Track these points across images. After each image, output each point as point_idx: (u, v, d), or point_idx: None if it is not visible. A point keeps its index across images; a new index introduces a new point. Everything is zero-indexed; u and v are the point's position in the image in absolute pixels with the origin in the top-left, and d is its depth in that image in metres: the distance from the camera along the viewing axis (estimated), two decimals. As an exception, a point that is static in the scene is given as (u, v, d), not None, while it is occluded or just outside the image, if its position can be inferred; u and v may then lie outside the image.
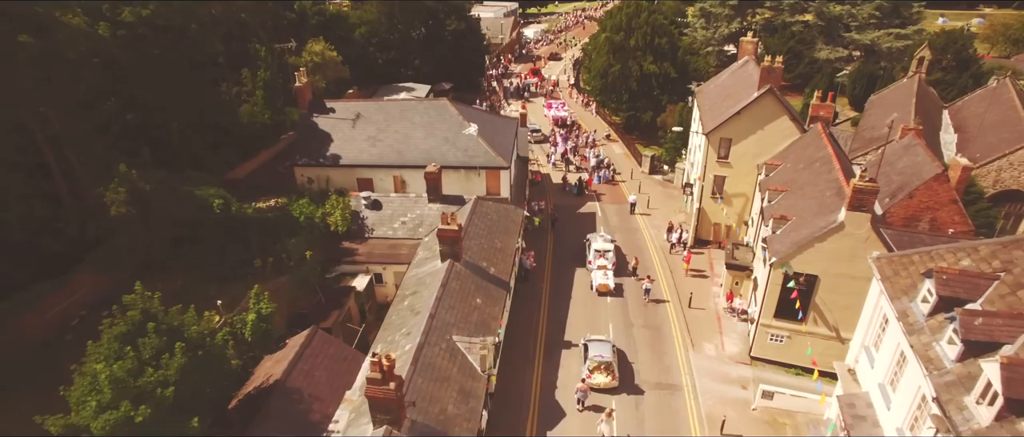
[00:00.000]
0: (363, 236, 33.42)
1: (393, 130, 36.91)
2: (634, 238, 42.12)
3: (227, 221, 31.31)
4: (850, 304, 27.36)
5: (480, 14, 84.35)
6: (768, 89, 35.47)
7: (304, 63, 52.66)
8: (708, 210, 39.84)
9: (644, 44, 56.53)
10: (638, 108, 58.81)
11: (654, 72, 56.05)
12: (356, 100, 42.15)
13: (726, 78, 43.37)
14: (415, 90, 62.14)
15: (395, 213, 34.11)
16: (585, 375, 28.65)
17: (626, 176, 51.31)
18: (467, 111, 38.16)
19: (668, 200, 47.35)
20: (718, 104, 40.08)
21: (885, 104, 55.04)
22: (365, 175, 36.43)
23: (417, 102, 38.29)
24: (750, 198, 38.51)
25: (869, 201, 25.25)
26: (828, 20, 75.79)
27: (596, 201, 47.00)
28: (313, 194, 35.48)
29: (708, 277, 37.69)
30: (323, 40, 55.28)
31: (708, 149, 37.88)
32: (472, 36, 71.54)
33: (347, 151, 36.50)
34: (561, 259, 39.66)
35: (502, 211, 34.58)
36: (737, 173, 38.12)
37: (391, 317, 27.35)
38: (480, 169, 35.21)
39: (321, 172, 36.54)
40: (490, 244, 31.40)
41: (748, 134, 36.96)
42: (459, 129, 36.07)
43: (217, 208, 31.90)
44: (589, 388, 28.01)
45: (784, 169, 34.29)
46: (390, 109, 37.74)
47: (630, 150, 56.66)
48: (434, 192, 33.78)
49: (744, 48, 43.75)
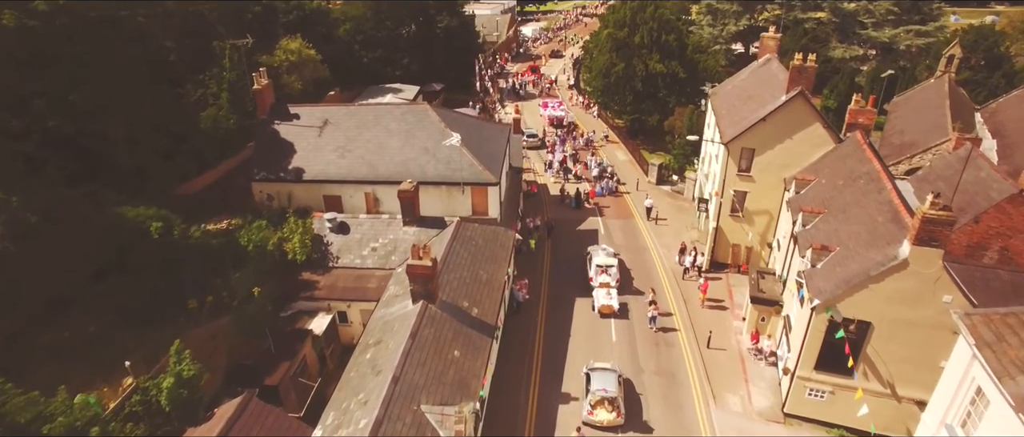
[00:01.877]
0: (326, 265, 27.99)
1: (365, 139, 31.44)
2: (642, 259, 36.62)
3: (165, 249, 25.84)
4: (911, 356, 21.96)
5: (475, 11, 78.75)
6: (799, 92, 29.95)
7: (278, 62, 47.19)
8: (726, 230, 34.35)
9: (650, 41, 50.94)
10: (643, 110, 53.24)
11: (661, 72, 50.47)
12: (335, 104, 36.76)
13: (745, 78, 37.83)
14: (403, 91, 56.60)
15: (365, 237, 28.66)
16: (586, 411, 24.34)
17: (631, 186, 45.79)
18: (451, 117, 32.67)
19: (678, 214, 41.84)
20: (737, 108, 34.56)
21: (912, 107, 49.43)
22: (332, 191, 31.00)
23: (393, 107, 32.86)
24: (775, 217, 33.03)
25: (943, 234, 19.77)
26: (843, 17, 70.16)
27: (598, 215, 41.48)
28: (272, 214, 30.04)
29: (727, 308, 32.21)
30: (301, 37, 49.72)
31: (727, 161, 32.39)
32: (465, 34, 65.95)
33: (312, 164, 31.06)
34: (559, 280, 34.27)
35: (490, 235, 29.11)
36: (760, 188, 32.64)
37: (350, 373, 21.93)
38: (465, 185, 29.75)
39: (282, 188, 31.10)
40: (474, 276, 25.94)
41: (774, 144, 31.46)
42: (440, 138, 30.60)
43: (155, 232, 26.40)
44: (591, 426, 24.13)
45: (819, 186, 28.79)
46: (362, 115, 32.26)
47: (634, 157, 51.11)
48: (410, 213, 28.33)
49: (765, 45, 38.17)
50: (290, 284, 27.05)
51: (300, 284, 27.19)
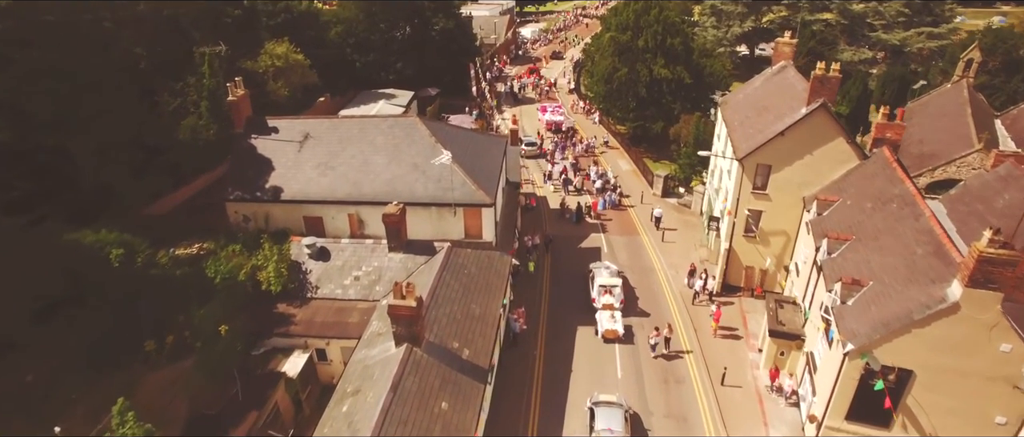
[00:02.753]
0: (304, 296, 25.23)
1: (349, 155, 28.66)
2: (648, 281, 33.86)
3: (124, 281, 23.07)
4: (959, 408, 19.26)
5: (473, 12, 75.99)
6: (821, 105, 27.16)
7: (263, 68, 44.38)
8: (739, 251, 31.58)
9: (654, 45, 48.14)
10: (647, 117, 50.44)
11: (666, 77, 47.67)
12: (324, 112, 33.86)
13: (759, 87, 35.01)
14: (396, 97, 53.76)
15: (347, 265, 25.89)
16: None
17: (635, 199, 42.99)
18: (442, 130, 29.87)
19: (686, 229, 39.05)
20: (751, 120, 31.76)
21: (930, 114, 46.53)
22: (313, 212, 28.23)
23: (380, 120, 30.08)
24: (793, 238, 30.26)
25: (1002, 276, 17.00)
26: (851, 18, 67.37)
27: (601, 231, 38.69)
28: (247, 237, 27.27)
29: (742, 338, 29.46)
30: (288, 41, 46.90)
31: (740, 177, 29.60)
32: (462, 36, 63.10)
33: (291, 182, 28.28)
34: (560, 304, 31.57)
35: (484, 261, 26.34)
36: (777, 206, 29.86)
37: (323, 429, 19.18)
38: (457, 207, 26.97)
39: (259, 209, 28.35)
40: (465, 312, 23.17)
41: (793, 160, 28.67)
42: (430, 154, 27.81)
43: (115, 260, 23.71)
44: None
45: (844, 208, 25.99)
46: (345, 129, 29.46)
47: (638, 166, 48.29)
48: (396, 238, 25.55)
49: (780, 51, 35.33)
50: (263, 318, 24.29)
51: (274, 318, 24.44)
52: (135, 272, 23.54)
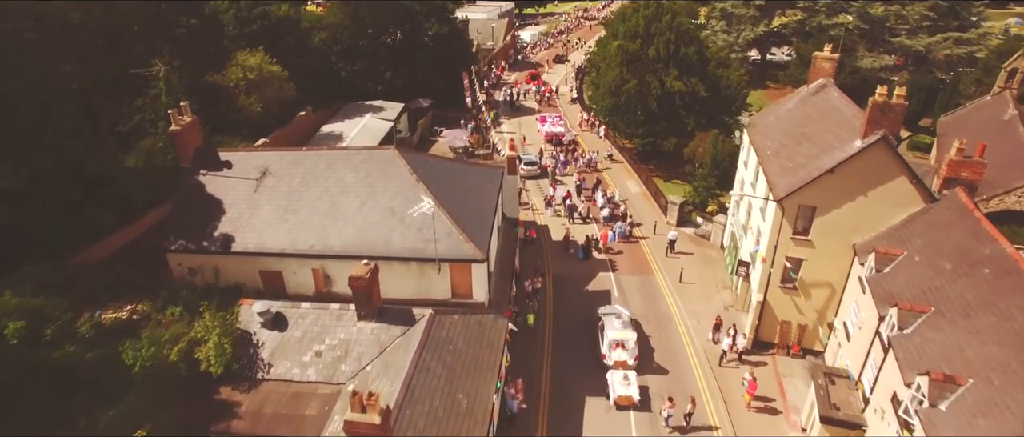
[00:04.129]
0: (254, 377, 20.20)
1: (314, 196, 23.60)
2: (666, 333, 28.90)
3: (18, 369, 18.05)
4: None
5: (469, 16, 70.77)
6: (881, 138, 22.13)
7: (233, 81, 39.32)
8: (775, 304, 26.59)
9: (666, 55, 43.01)
10: (657, 133, 45.35)
11: (679, 90, 42.55)
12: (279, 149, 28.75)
13: (793, 109, 29.92)
14: (384, 110, 48.70)
15: (307, 336, 20.86)
16: None
17: (647, 227, 37.93)
18: (424, 164, 24.74)
19: (706, 265, 34.02)
20: (788, 150, 26.71)
21: (970, 130, 41.24)
22: (271, 266, 23.21)
23: (351, 153, 24.97)
24: (838, 290, 25.28)
25: None
26: (872, 23, 62.13)
27: (610, 270, 33.63)
28: (192, 296, 22.25)
29: (780, 412, 24.49)
30: (263, 51, 41.83)
31: (780, 221, 24.57)
32: (457, 42, 57.89)
33: (245, 229, 23.23)
34: (564, 364, 26.65)
35: (474, 331, 21.34)
36: (821, 254, 24.88)
37: None
38: (441, 263, 21.94)
39: (206, 261, 23.32)
40: (450, 406, 18.18)
41: (843, 201, 23.69)
42: (410, 196, 22.76)
43: (11, 337, 18.75)
44: None
45: (911, 265, 20.98)
46: (310, 163, 24.36)
47: (648, 189, 43.22)
48: (366, 305, 20.51)
49: (818, 67, 30.22)
50: (200, 409, 19.27)
51: (215, 407, 19.40)
52: (35, 355, 18.50)
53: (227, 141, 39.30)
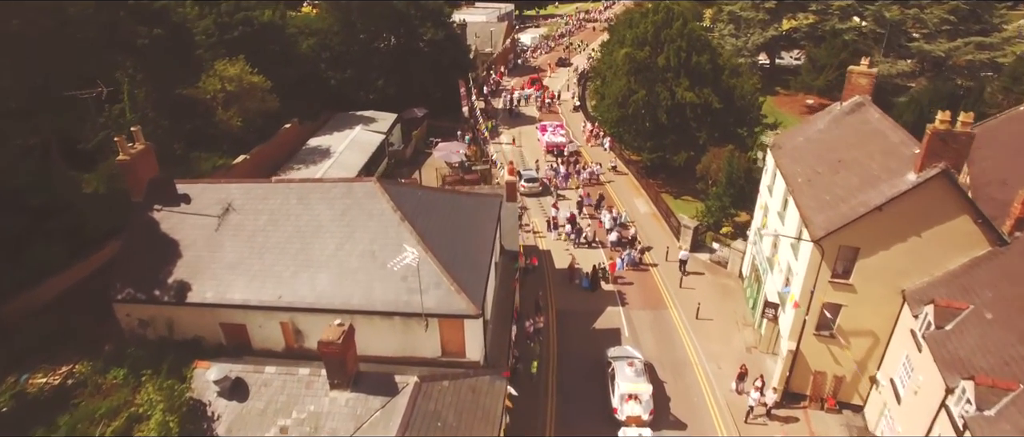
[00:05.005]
0: (206, 459, 16.92)
1: (284, 237, 20.28)
2: (684, 381, 25.60)
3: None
4: None
5: (466, 19, 67.29)
6: (942, 172, 18.81)
7: (210, 93, 35.96)
8: (808, 353, 23.28)
9: (677, 64, 39.63)
10: (667, 147, 41.96)
11: (692, 101, 39.18)
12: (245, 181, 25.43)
13: (824, 130, 26.54)
14: (376, 121, 45.34)
15: (271, 407, 17.55)
16: None
17: (658, 253, 34.56)
18: (410, 199, 21.38)
19: (724, 299, 30.70)
20: (824, 179, 23.35)
21: (1003, 143, 37.73)
22: (233, 318, 19.90)
23: (329, 186, 21.62)
24: (882, 340, 21.98)
25: None
26: (887, 27, 58.66)
27: (619, 304, 30.30)
28: (137, 357, 18.96)
29: (820, 482, 21.25)
30: (244, 59, 38.43)
31: (818, 264, 21.25)
32: (454, 48, 54.41)
33: (205, 275, 19.90)
34: (571, 422, 23.30)
35: (466, 399, 18.05)
36: (864, 300, 21.59)
37: None
38: (429, 318, 18.61)
39: (159, 312, 20.00)
40: (436, 505, 14.89)
41: (892, 242, 20.38)
42: (392, 237, 19.44)
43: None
44: None
45: (980, 323, 17.68)
46: (281, 198, 21.02)
47: (657, 208, 39.84)
48: (339, 372, 17.20)
49: (854, 83, 26.77)
50: (140, 502, 16.01)
51: (158, 499, 16.14)
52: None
53: (204, 157, 36.17)
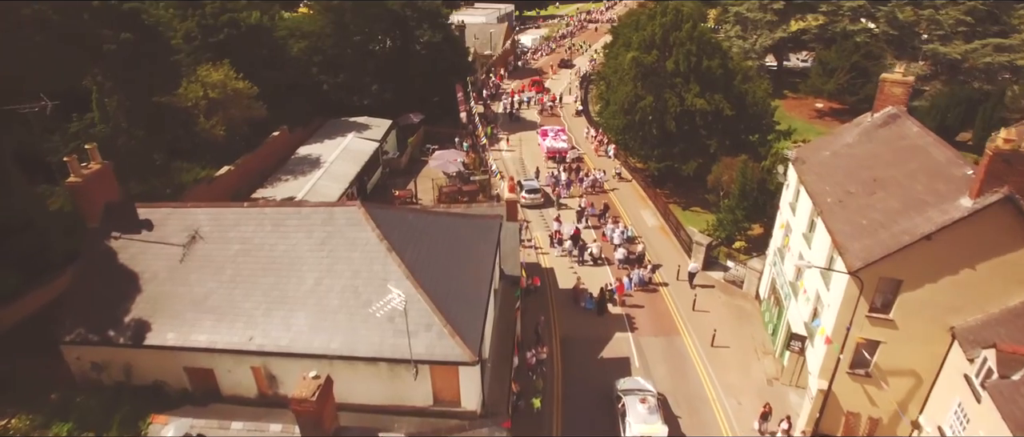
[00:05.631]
0: (159, 535, 14.52)
1: (258, 269, 17.85)
2: (699, 418, 23.21)
3: None
4: None
5: (465, 20, 64.89)
6: (1005, 197, 16.39)
7: (191, 100, 33.51)
8: (841, 393, 20.87)
9: (687, 68, 37.20)
10: (675, 156, 39.55)
11: (702, 108, 36.75)
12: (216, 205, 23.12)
13: (855, 144, 24.08)
14: (370, 128, 42.94)
15: (236, 471, 15.16)
16: None
17: (667, 271, 32.13)
18: (399, 226, 18.94)
19: (741, 323, 28.31)
20: (857, 200, 20.92)
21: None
22: (199, 362, 17.47)
23: (310, 212, 19.14)
24: (928, 382, 19.56)
25: None
26: (901, 28, 56.24)
27: (628, 330, 27.88)
28: (86, 408, 16.56)
29: None
30: (229, 64, 36.00)
31: (856, 299, 18.83)
32: (452, 50, 51.94)
33: (167, 314, 17.48)
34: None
35: (462, 461, 15.64)
36: (905, 337, 19.20)
37: None
38: (419, 365, 16.19)
39: (116, 355, 17.57)
40: None
41: (940, 275, 17.98)
42: (378, 271, 17.03)
43: None
44: None
45: (1051, 374, 15.25)
46: (255, 225, 18.59)
47: (666, 221, 37.44)
48: (315, 432, 14.76)
49: (887, 92, 24.33)
50: None
51: None
52: None
53: (186, 168, 33.85)
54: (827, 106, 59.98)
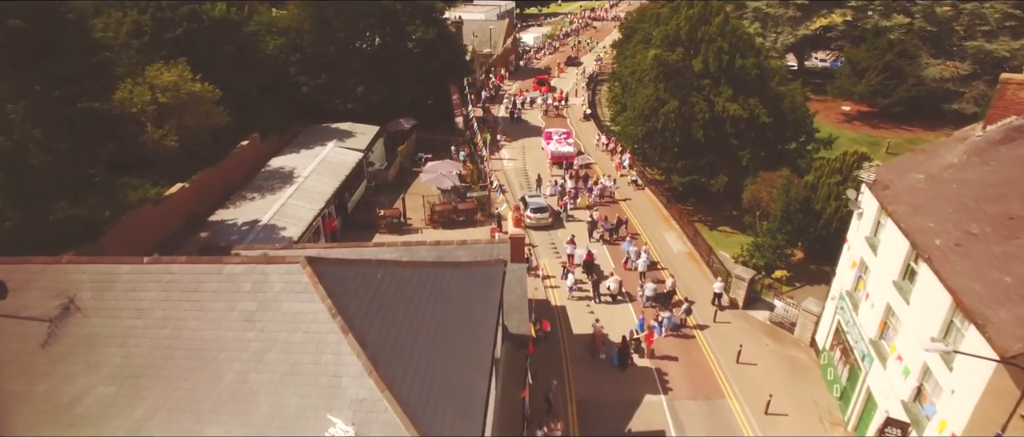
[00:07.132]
0: None
1: (157, 358, 12.13)
2: (761, 522, 17.53)
3: None
4: None
5: (463, 16, 59.13)
6: None
7: (137, 106, 27.75)
8: (966, 507, 15.20)
9: (717, 68, 31.54)
10: (702, 169, 33.89)
11: (737, 114, 31.08)
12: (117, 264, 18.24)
13: (963, 167, 18.29)
14: (354, 136, 37.23)
15: None
16: None
17: (703, 311, 26.37)
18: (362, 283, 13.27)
19: (796, 378, 22.61)
20: (987, 246, 15.20)
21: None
22: (66, 496, 11.72)
23: (233, 270, 13.51)
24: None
25: None
26: (939, 24, 50.55)
27: (660, 392, 22.13)
28: None
29: None
30: (185, 63, 30.20)
31: (1000, 389, 13.15)
32: (447, 49, 46.19)
33: (15, 427, 11.73)
34: None
35: None
36: (1067, 441, 13.47)
37: None
38: (383, 516, 10.56)
39: (-53, 482, 11.86)
40: None
41: None
42: (327, 368, 11.34)
43: None
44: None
45: None
46: (157, 289, 12.87)
47: (694, 244, 31.75)
48: None
49: (1010, 97, 18.40)
50: None
51: None
52: None
53: (134, 185, 28.29)
54: (855, 109, 54.38)
